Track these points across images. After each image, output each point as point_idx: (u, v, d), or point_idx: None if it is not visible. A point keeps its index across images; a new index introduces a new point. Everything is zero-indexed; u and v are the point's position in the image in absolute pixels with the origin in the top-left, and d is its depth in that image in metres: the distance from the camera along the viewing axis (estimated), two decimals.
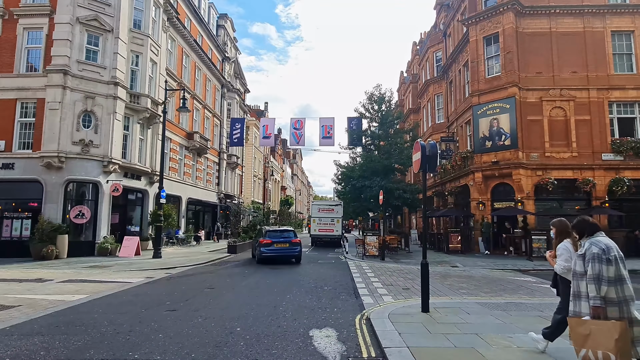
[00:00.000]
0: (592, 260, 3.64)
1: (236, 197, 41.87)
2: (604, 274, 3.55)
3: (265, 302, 8.12)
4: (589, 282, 3.61)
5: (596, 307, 3.57)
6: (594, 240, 3.80)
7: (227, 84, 38.22)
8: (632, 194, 19.39)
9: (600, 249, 3.67)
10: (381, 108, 24.27)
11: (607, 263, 3.60)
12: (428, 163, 7.07)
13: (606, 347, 3.43)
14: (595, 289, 3.56)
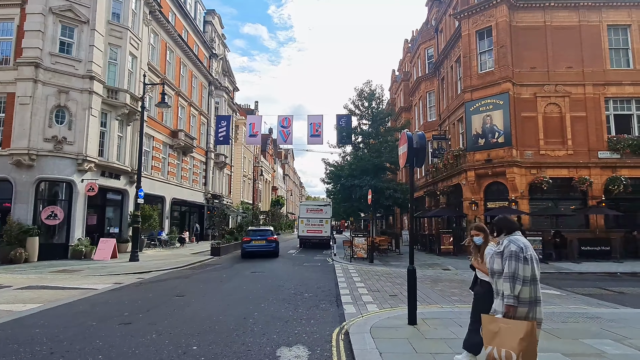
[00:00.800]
0: (510, 258, 3.60)
1: (224, 198, 40.87)
2: (519, 273, 3.53)
3: (236, 313, 7.27)
4: (504, 280, 3.59)
5: (509, 306, 3.55)
6: (512, 239, 3.76)
7: (215, 82, 37.24)
8: (630, 193, 18.79)
9: (518, 247, 3.63)
10: (371, 105, 23.48)
11: (524, 262, 3.58)
12: (416, 156, 6.27)
13: (510, 346, 3.40)
14: (510, 287, 3.54)
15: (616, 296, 9.37)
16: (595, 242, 17.51)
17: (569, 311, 7.25)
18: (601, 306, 8.12)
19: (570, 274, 13.53)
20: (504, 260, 3.68)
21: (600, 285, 11.05)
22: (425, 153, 6.49)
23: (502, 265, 3.71)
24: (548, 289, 10.23)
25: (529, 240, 13.03)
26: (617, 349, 4.96)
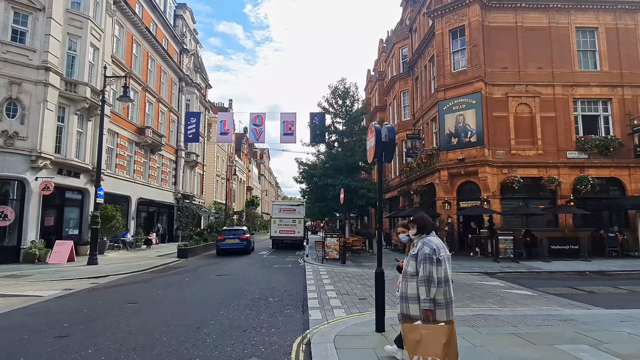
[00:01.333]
0: (424, 261, 3.52)
1: (196, 198, 39.70)
2: (434, 275, 3.47)
3: (190, 322, 6.63)
4: (419, 283, 3.50)
5: (427, 310, 3.47)
6: (426, 240, 3.67)
7: (186, 78, 36.05)
8: (597, 193, 19.14)
9: (432, 249, 3.57)
10: (345, 103, 23.10)
11: (437, 264, 3.52)
12: (384, 150, 5.83)
13: (434, 353, 3.32)
14: (425, 290, 3.45)
15: (587, 296, 9.26)
16: (564, 241, 17.69)
17: (542, 313, 6.99)
18: (573, 307, 7.94)
19: (540, 273, 13.50)
20: (418, 263, 3.58)
21: (571, 284, 10.98)
22: (394, 147, 6.07)
23: (416, 268, 3.60)
24: (520, 289, 10.05)
25: (502, 239, 13.00)
26: (593, 356, 4.65)
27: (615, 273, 13.53)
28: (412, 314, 3.65)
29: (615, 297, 9.07)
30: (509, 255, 16.26)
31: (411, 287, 3.65)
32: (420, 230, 3.83)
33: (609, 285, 10.71)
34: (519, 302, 8.22)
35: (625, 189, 19.50)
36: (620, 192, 19.66)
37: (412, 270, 3.69)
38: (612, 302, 8.40)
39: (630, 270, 13.94)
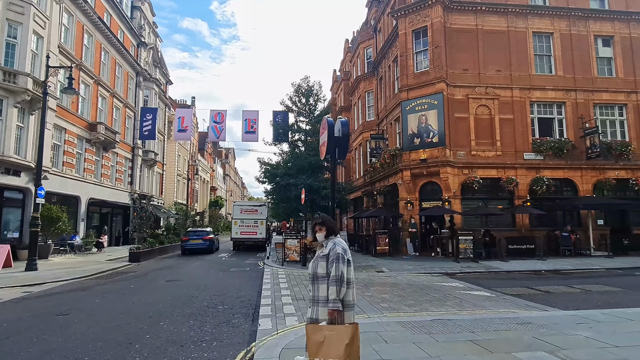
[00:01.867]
0: (337, 261, 3.50)
1: (155, 198, 38.01)
2: (345, 275, 3.49)
3: (122, 336, 5.93)
4: (331, 283, 3.46)
5: (335, 311, 3.43)
6: (337, 241, 3.71)
7: (144, 72, 34.41)
8: (551, 193, 19.71)
9: (343, 249, 3.60)
10: (309, 101, 22.68)
11: (348, 264, 3.56)
12: (337, 146, 5.41)
13: (336, 354, 3.26)
14: (336, 290, 3.43)
15: (543, 296, 9.25)
16: (521, 241, 18.04)
17: (500, 316, 6.80)
18: (530, 308, 7.84)
19: (499, 273, 13.59)
20: (330, 263, 3.53)
21: (528, 284, 11.03)
22: (347, 143, 5.66)
23: (327, 269, 3.54)
24: (479, 290, 9.94)
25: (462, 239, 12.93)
26: None
27: (569, 272, 13.83)
28: (320, 318, 3.52)
29: (570, 297, 9.11)
30: (469, 255, 16.36)
31: (322, 290, 3.53)
32: (329, 232, 3.79)
33: (563, 285, 10.83)
34: (477, 305, 8.04)
35: (577, 189, 20.20)
36: (573, 193, 20.35)
37: (322, 271, 3.58)
38: (567, 303, 8.39)
39: (583, 269, 14.31)
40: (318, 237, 3.87)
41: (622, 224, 20.16)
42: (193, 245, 22.85)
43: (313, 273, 3.67)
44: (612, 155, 20.31)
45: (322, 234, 3.81)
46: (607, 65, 21.54)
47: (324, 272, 3.57)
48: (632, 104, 21.09)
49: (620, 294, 9.36)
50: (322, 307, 3.51)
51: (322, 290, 3.54)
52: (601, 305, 8.08)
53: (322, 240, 3.78)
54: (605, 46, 21.55)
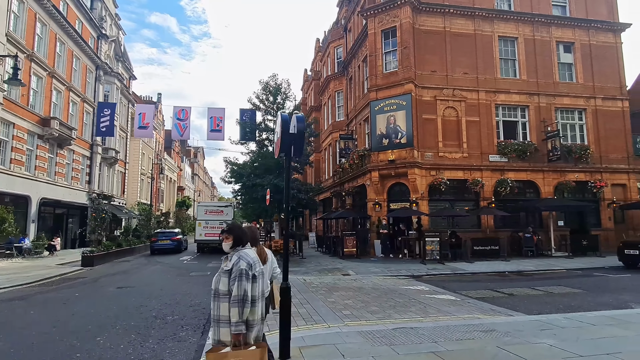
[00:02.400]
0: (240, 278, 3.15)
1: (116, 198, 36.34)
2: (249, 294, 3.15)
3: (48, 356, 5.24)
4: (232, 304, 3.12)
5: (237, 334, 3.10)
6: (242, 254, 3.30)
7: (104, 66, 32.77)
8: (515, 195, 20.05)
9: (248, 263, 3.24)
10: (277, 100, 22.07)
11: (253, 280, 3.23)
12: (293, 143, 4.95)
13: None
14: (238, 312, 3.10)
15: (507, 299, 9.16)
16: (486, 242, 18.21)
17: (464, 323, 6.56)
18: (495, 313, 7.68)
19: (464, 275, 13.55)
20: (232, 280, 3.16)
21: (492, 286, 10.98)
22: (303, 140, 5.22)
23: (228, 286, 3.17)
24: (444, 294, 9.76)
25: (429, 241, 12.72)
26: None
27: (531, 273, 13.98)
28: (222, 339, 3.18)
29: (533, 300, 9.05)
30: (436, 257, 16.31)
31: (223, 309, 3.17)
32: (237, 242, 3.39)
33: (526, 287, 10.83)
34: (441, 310, 7.80)
35: (540, 191, 20.66)
36: (536, 195, 20.80)
37: (224, 288, 3.20)
38: (531, 306, 8.30)
39: (544, 269, 14.52)
40: (224, 247, 3.47)
41: (581, 225, 20.78)
42: (161, 245, 24.18)
43: (215, 289, 3.27)
44: (572, 159, 20.91)
45: (228, 244, 3.42)
46: (568, 70, 22.19)
47: (225, 289, 3.19)
48: (591, 109, 21.80)
49: (581, 296, 9.40)
50: (224, 327, 3.16)
51: (223, 309, 3.18)
52: (563, 309, 8.04)
53: (229, 251, 3.39)
54: (567, 52, 22.19)
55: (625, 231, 20.56)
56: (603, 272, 13.69)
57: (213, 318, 3.26)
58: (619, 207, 21.08)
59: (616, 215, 21.28)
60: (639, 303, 8.44)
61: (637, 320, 6.49)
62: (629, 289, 10.41)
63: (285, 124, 4.89)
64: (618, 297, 9.21)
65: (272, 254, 4.44)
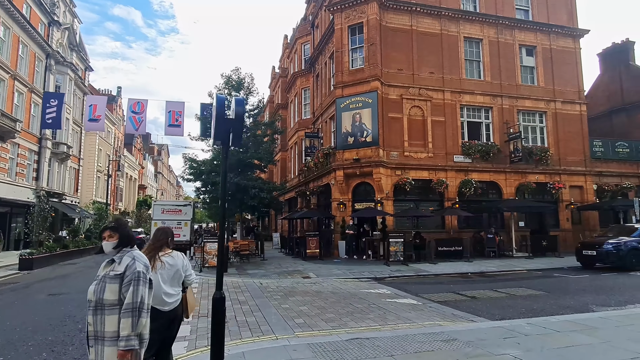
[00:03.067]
0: (136, 282, 2.66)
1: (67, 196, 34.13)
2: (146, 301, 2.67)
3: None
4: (125, 313, 2.59)
5: (129, 351, 2.54)
6: (137, 255, 2.84)
7: (55, 55, 30.62)
8: (478, 196, 20.09)
9: (145, 265, 2.79)
10: (239, 94, 21.16)
11: (150, 286, 2.76)
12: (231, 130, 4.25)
13: None
14: (132, 323, 2.57)
15: (470, 303, 8.82)
16: (450, 243, 18.08)
17: (424, 331, 6.07)
18: (457, 318, 7.26)
19: (427, 277, 13.24)
20: (125, 286, 2.65)
21: (455, 288, 10.67)
22: (241, 126, 4.52)
23: (119, 294, 2.64)
24: (406, 298, 9.31)
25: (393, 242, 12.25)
26: None
27: (493, 274, 13.87)
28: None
29: (495, 303, 8.75)
30: (399, 258, 15.98)
31: (111, 323, 2.60)
32: (123, 242, 2.84)
33: (489, 289, 10.59)
34: (401, 317, 7.30)
35: (502, 192, 20.85)
36: (498, 195, 20.97)
37: (112, 297, 2.64)
38: (493, 310, 7.97)
39: (506, 270, 14.46)
40: (105, 247, 2.84)
41: (541, 225, 21.14)
42: None
43: (97, 300, 2.66)
44: (533, 160, 21.25)
45: (111, 243, 2.81)
46: (530, 74, 22.57)
47: (114, 298, 2.64)
48: (551, 112, 22.26)
49: (543, 299, 9.20)
50: (111, 346, 2.59)
51: (110, 324, 2.61)
52: (525, 312, 7.75)
53: (112, 252, 2.81)
54: (529, 55, 22.57)
55: (582, 232, 21.10)
56: (562, 273, 13.75)
57: (94, 336, 2.63)
58: (576, 208, 21.61)
59: (574, 216, 21.81)
60: (599, 305, 8.30)
61: (600, 325, 6.22)
62: (588, 290, 10.36)
63: (221, 108, 4.19)
64: (579, 298, 9.07)
65: (183, 256, 3.77)
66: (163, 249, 3.66)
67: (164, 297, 3.47)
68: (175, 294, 3.58)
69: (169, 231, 3.87)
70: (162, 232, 3.83)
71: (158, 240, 3.72)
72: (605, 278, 12.31)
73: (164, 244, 3.69)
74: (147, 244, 3.82)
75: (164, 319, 3.44)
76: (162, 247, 3.67)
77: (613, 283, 11.29)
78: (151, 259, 3.46)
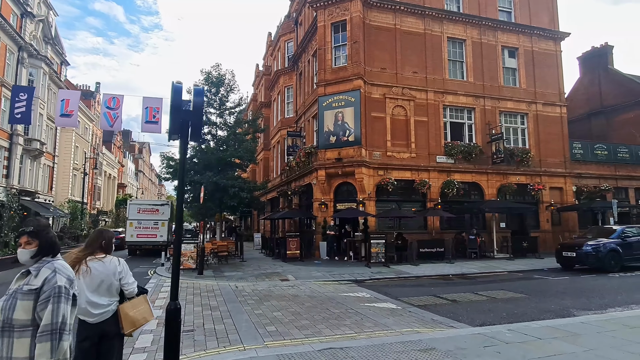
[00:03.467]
0: (57, 298, 2.24)
1: (41, 194, 32.91)
2: (68, 321, 2.26)
3: None
4: (42, 337, 2.15)
5: None
6: (59, 266, 2.39)
7: (28, 48, 29.44)
8: (461, 196, 20.00)
9: (69, 278, 2.36)
10: (219, 91, 20.63)
11: (74, 302, 2.35)
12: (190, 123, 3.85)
13: None
14: (51, 348, 2.14)
15: (450, 307, 8.57)
16: (432, 244, 17.91)
17: (401, 340, 5.76)
18: (436, 324, 6.99)
19: (408, 279, 13.00)
20: (42, 304, 2.23)
21: (435, 291, 10.43)
22: (202, 119, 4.11)
23: (32, 313, 2.22)
24: (385, 302, 9.02)
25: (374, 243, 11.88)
26: None
27: (475, 275, 13.73)
28: None
29: (476, 307, 8.52)
30: (381, 260, 15.73)
31: (20, 347, 2.17)
32: (44, 251, 2.42)
33: (470, 291, 10.39)
34: (379, 323, 6.99)
35: (484, 193, 20.82)
36: (480, 196, 20.94)
37: (24, 317, 2.22)
38: (474, 315, 7.73)
39: (487, 272, 14.35)
40: (21, 256, 2.42)
41: (521, 227, 21.22)
42: None
43: (4, 319, 2.21)
44: (514, 161, 21.30)
45: (28, 251, 2.40)
46: (512, 75, 22.64)
47: (27, 317, 2.22)
48: (532, 114, 22.38)
49: (524, 302, 9.03)
50: None
51: (19, 349, 2.18)
52: (507, 317, 7.53)
53: (29, 262, 2.40)
54: (511, 57, 22.64)
55: (562, 233, 21.25)
56: (543, 274, 13.69)
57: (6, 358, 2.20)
58: (556, 210, 21.76)
59: (553, 218, 21.96)
60: (580, 309, 8.15)
61: (582, 331, 6.01)
62: (568, 292, 10.26)
63: (177, 97, 3.78)
64: (560, 302, 8.92)
65: (120, 262, 3.35)
66: (95, 253, 3.24)
67: (88, 307, 3.07)
68: (104, 304, 3.16)
69: (107, 234, 3.45)
70: (97, 233, 3.41)
71: (91, 243, 3.30)
72: (584, 280, 12.27)
73: (97, 248, 3.27)
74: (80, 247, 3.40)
75: (91, 331, 3.04)
76: (94, 251, 3.25)
77: (593, 285, 11.24)
78: (77, 263, 3.05)
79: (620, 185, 24.31)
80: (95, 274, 3.13)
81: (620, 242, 14.19)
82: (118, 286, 3.26)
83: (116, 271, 3.24)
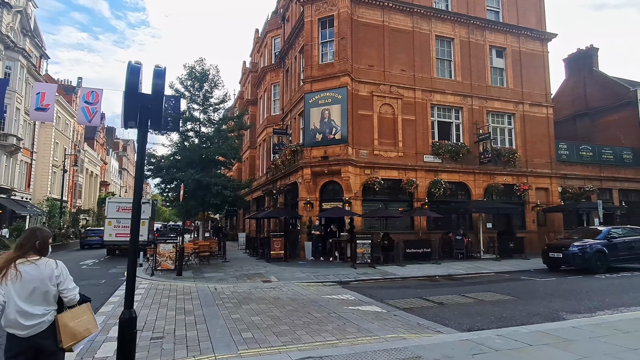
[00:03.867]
0: None
1: (17, 191, 31.84)
2: None
3: None
4: None
5: None
6: None
7: (5, 39, 28.41)
8: (448, 196, 19.82)
9: None
10: (203, 87, 20.07)
11: None
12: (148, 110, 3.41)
13: None
14: None
15: (437, 310, 8.26)
16: (418, 244, 17.66)
17: (385, 347, 5.40)
18: (422, 329, 6.66)
19: (394, 280, 12.68)
20: None
21: (422, 293, 10.13)
22: (162, 104, 3.67)
23: None
24: (370, 305, 8.66)
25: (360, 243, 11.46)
26: None
27: (461, 277, 13.49)
28: None
29: (463, 310, 8.23)
30: (367, 260, 15.39)
31: None
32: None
33: (457, 293, 10.11)
34: (362, 328, 6.62)
35: (471, 193, 20.67)
36: (467, 196, 20.79)
37: None
38: (461, 318, 7.43)
39: (474, 273, 14.13)
40: None
41: (508, 227, 21.14)
42: (91, 241, 27.64)
43: None
44: (501, 162, 21.20)
45: None
46: (500, 75, 22.56)
47: None
48: (519, 114, 22.33)
49: (512, 305, 8.77)
50: None
51: None
52: (495, 321, 7.25)
53: None
54: (499, 57, 22.56)
55: (547, 233, 21.25)
56: (530, 275, 13.53)
57: None
58: (542, 210, 21.75)
59: (539, 218, 21.96)
60: (569, 312, 7.92)
61: (574, 337, 5.74)
62: (556, 294, 10.05)
63: (133, 79, 3.33)
64: (548, 304, 8.69)
65: (58, 265, 2.89)
66: (28, 255, 2.79)
67: (18, 318, 2.62)
68: (38, 314, 2.71)
69: (42, 233, 2.99)
70: (30, 232, 2.95)
71: (23, 244, 2.85)
72: (572, 281, 12.13)
73: (30, 249, 2.82)
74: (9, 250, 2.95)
75: (23, 347, 2.60)
76: (26, 252, 2.80)
77: (580, 286, 11.07)
78: (5, 267, 2.61)
79: (605, 186, 24.46)
80: (27, 278, 2.68)
81: (606, 243, 14.14)
82: (56, 293, 2.81)
83: (52, 275, 2.79)
